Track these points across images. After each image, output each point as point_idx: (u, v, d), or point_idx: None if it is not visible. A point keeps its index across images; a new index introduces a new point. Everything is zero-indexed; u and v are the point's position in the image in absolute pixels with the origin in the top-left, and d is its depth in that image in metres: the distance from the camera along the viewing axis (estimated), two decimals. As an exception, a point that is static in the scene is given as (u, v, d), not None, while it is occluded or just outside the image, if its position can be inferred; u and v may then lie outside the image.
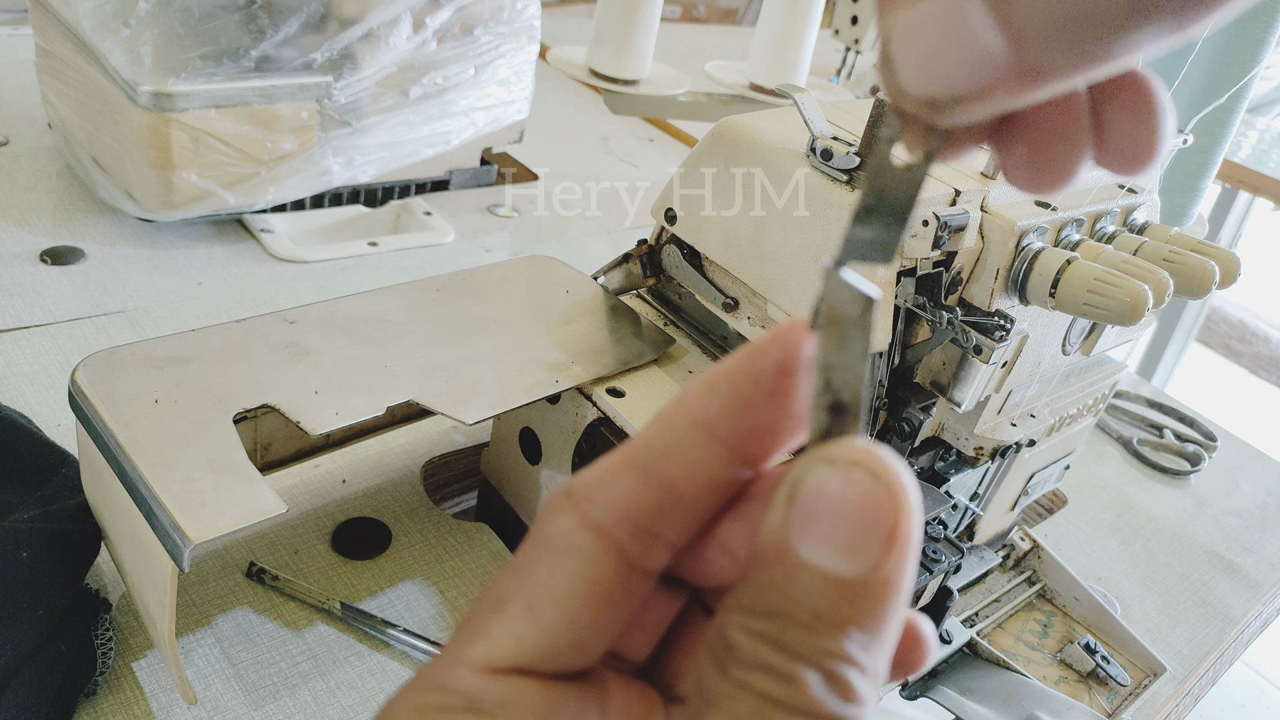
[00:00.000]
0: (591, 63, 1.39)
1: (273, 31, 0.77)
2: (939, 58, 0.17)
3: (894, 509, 0.17)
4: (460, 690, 0.18)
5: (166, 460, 0.41)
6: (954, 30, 0.16)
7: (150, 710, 0.47)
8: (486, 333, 0.54)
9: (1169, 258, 0.52)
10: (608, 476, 0.19)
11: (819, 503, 0.17)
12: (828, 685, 0.16)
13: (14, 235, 0.78)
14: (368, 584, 0.56)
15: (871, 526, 0.17)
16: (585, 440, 0.52)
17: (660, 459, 0.19)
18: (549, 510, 0.19)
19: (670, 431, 0.19)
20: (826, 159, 0.48)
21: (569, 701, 0.19)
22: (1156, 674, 0.66)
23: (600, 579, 0.18)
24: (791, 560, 0.17)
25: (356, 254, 0.87)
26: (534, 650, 0.18)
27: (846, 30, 1.54)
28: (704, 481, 0.19)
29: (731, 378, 0.19)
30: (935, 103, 0.17)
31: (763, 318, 0.53)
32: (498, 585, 0.19)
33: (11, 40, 1.10)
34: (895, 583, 0.17)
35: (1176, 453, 0.93)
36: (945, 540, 0.48)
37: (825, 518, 0.17)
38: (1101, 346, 0.59)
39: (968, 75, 0.16)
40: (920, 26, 0.17)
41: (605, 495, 0.19)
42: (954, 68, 0.16)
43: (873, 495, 0.17)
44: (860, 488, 0.17)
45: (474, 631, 0.19)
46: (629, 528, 0.19)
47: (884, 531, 0.17)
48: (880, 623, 0.17)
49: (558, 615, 0.18)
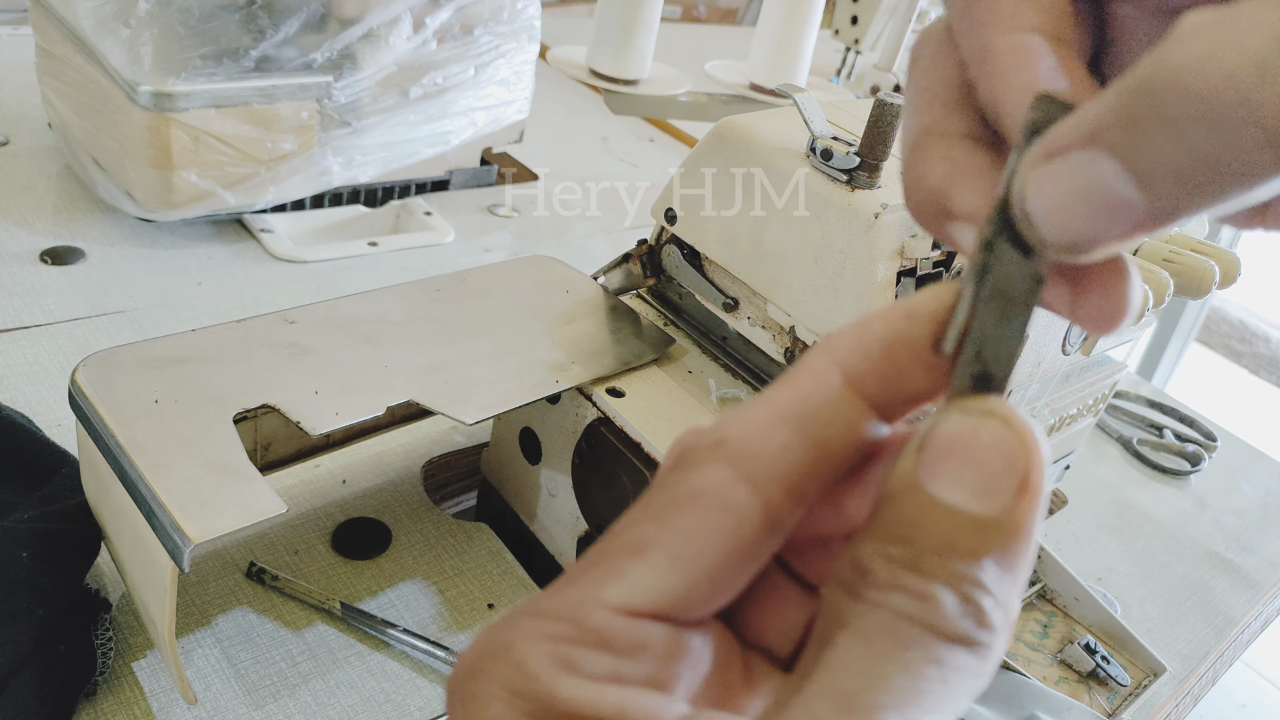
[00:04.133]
0: (591, 63, 1.39)
1: (273, 31, 0.77)
2: (1077, 209, 0.17)
3: (1026, 458, 0.17)
4: (596, 628, 0.18)
5: (166, 460, 0.41)
6: (1089, 183, 0.17)
7: (150, 710, 0.47)
8: (486, 333, 0.54)
9: (1169, 258, 0.52)
10: (763, 429, 0.19)
11: (952, 445, 0.17)
12: (963, 606, 0.17)
13: (14, 235, 0.78)
14: (368, 584, 0.56)
15: (1005, 471, 0.17)
16: (585, 440, 0.52)
17: (814, 416, 0.19)
18: (696, 457, 0.19)
19: (823, 387, 0.19)
20: (826, 159, 0.48)
21: (693, 645, 0.19)
22: (1156, 674, 0.66)
23: (748, 536, 0.19)
24: (923, 497, 0.17)
25: (356, 254, 0.87)
26: (674, 599, 0.18)
27: (846, 30, 1.54)
28: (852, 442, 0.19)
29: (886, 338, 0.19)
30: (1075, 246, 0.18)
31: (763, 318, 0.53)
32: (636, 529, 0.19)
33: (11, 40, 1.10)
34: (1026, 527, 0.17)
35: (1176, 453, 0.93)
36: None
37: (958, 459, 0.17)
38: (1101, 346, 0.59)
39: (1104, 222, 0.17)
40: (1056, 180, 0.17)
41: (762, 450, 0.19)
42: (1091, 217, 0.17)
43: (1007, 442, 0.17)
44: (994, 434, 0.17)
45: (609, 572, 0.19)
46: (781, 487, 0.19)
47: (1017, 478, 0.17)
48: (1013, 559, 0.17)
49: (702, 569, 0.18)
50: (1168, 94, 0.16)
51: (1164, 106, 0.16)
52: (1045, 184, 0.18)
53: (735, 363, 0.57)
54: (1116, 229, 0.17)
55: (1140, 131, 0.16)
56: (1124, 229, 0.17)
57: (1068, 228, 0.18)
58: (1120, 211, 0.17)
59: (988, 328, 0.18)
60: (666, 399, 0.52)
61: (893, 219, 0.46)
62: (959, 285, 0.19)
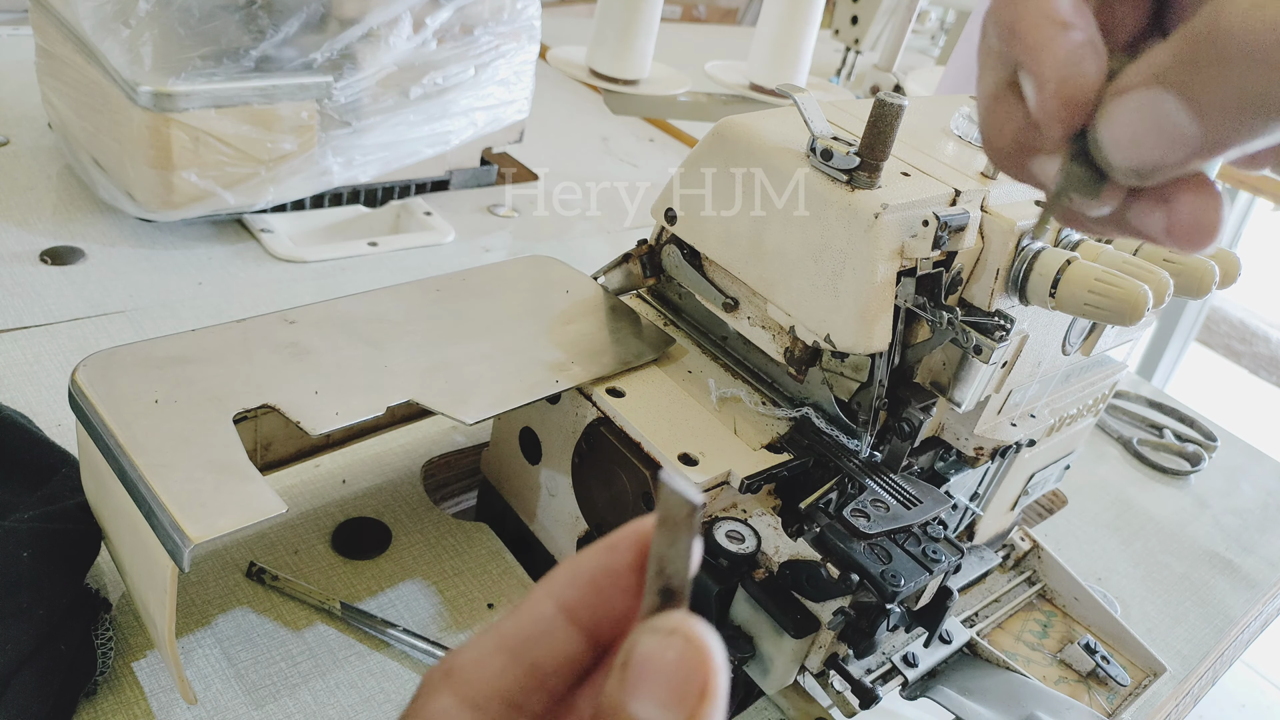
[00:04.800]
0: (591, 63, 1.39)
1: (273, 31, 0.77)
2: (1143, 138, 0.21)
3: (705, 669, 0.20)
4: None
5: (166, 460, 0.41)
6: (1154, 116, 0.21)
7: (150, 710, 0.47)
8: (486, 333, 0.54)
9: (1169, 258, 0.52)
10: (483, 657, 0.22)
11: (645, 665, 0.20)
12: None
13: (14, 235, 0.78)
14: (368, 584, 0.56)
15: (688, 683, 0.20)
16: (585, 440, 0.52)
17: (528, 642, 0.22)
18: (430, 687, 0.22)
19: (537, 617, 0.23)
20: (826, 159, 0.48)
21: None
22: (1156, 674, 0.66)
23: None
24: (626, 715, 0.20)
25: (356, 254, 0.87)
26: None
27: (846, 30, 1.54)
28: (564, 661, 0.23)
29: (592, 571, 0.23)
30: (1140, 172, 0.22)
31: (762, 318, 0.53)
32: None
33: (11, 40, 1.10)
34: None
35: (1176, 453, 0.93)
36: (945, 540, 0.48)
37: (650, 678, 0.20)
38: (1101, 346, 0.59)
39: (1166, 150, 0.21)
40: (1125, 114, 0.21)
41: (481, 675, 0.22)
42: (1155, 145, 0.21)
43: (688, 657, 0.20)
44: (678, 651, 0.20)
45: None
46: (503, 704, 0.22)
47: (698, 687, 0.20)
48: None
49: None
50: (1221, 40, 0.19)
51: (1217, 51, 0.19)
52: (1117, 117, 0.21)
53: (735, 363, 0.57)
54: (1176, 155, 0.21)
55: (1197, 72, 0.20)
56: (1182, 156, 0.21)
57: (1134, 155, 0.21)
58: (1180, 140, 0.20)
59: (663, 549, 0.21)
60: (666, 399, 0.52)
61: (893, 219, 0.46)
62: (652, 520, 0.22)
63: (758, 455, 0.50)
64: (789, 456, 0.50)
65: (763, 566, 0.49)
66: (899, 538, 0.47)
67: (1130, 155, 0.21)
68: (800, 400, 0.54)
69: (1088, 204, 0.23)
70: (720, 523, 0.49)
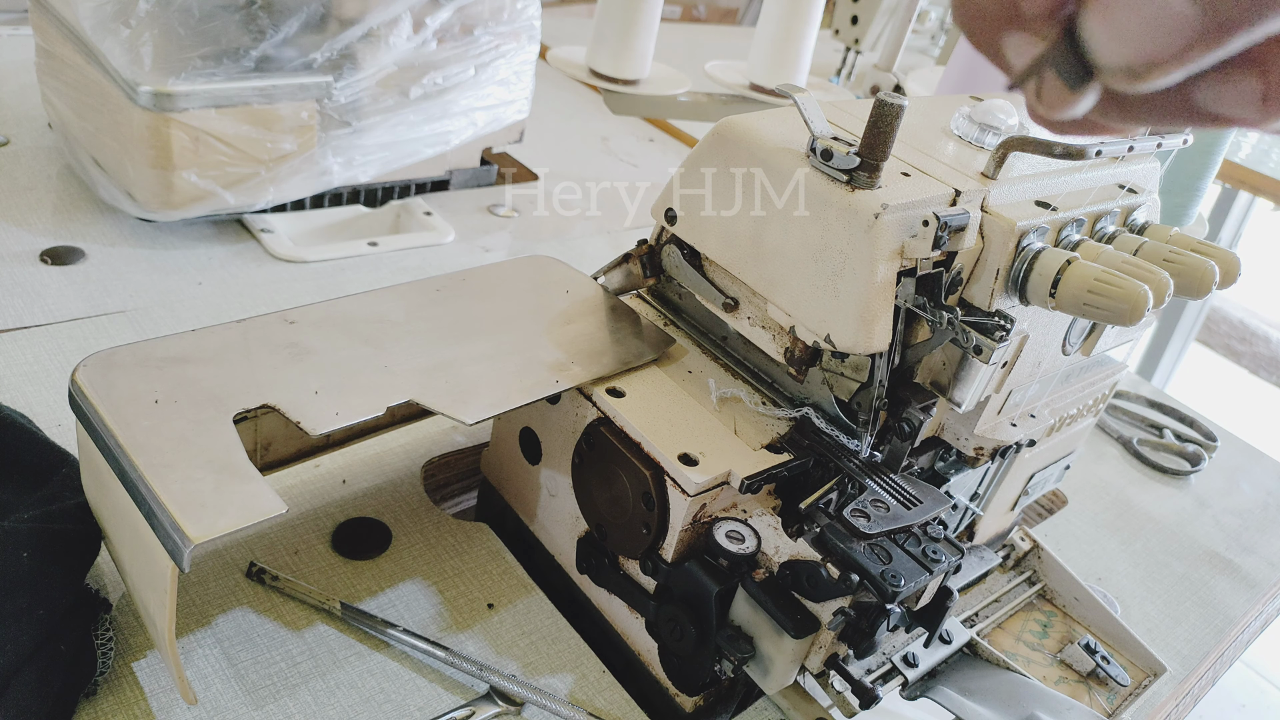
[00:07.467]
0: (591, 63, 1.39)
1: (273, 31, 0.77)
2: (1137, 28, 0.18)
3: None
4: None
5: (166, 460, 0.41)
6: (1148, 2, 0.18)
7: (150, 710, 0.47)
8: (486, 333, 0.54)
9: (1169, 258, 0.52)
10: None
11: None
12: None
13: (14, 235, 0.78)
14: (368, 584, 0.56)
15: None
16: (585, 440, 0.52)
17: None
18: None
19: None
20: (826, 159, 0.48)
21: None
22: (1156, 674, 0.66)
23: None
24: None
25: (356, 254, 0.87)
26: None
27: (846, 30, 1.54)
28: None
29: None
30: (1134, 70, 0.19)
31: (762, 318, 0.53)
32: None
33: (11, 40, 1.10)
34: None
35: (1176, 453, 0.93)
36: (945, 540, 0.48)
37: None
38: (1101, 346, 0.59)
39: (1164, 40, 0.18)
40: (1117, 3, 0.19)
41: None
42: (1152, 35, 0.18)
43: None
44: None
45: None
46: None
47: None
48: None
49: None
50: None
51: None
52: (1110, 7, 0.19)
53: (735, 363, 0.57)
54: (1173, 45, 0.18)
55: None
56: (1180, 44, 0.18)
57: (1131, 47, 0.19)
58: (1177, 26, 0.18)
59: None
60: (666, 399, 0.52)
61: (893, 219, 0.46)
62: None
63: (758, 455, 0.50)
64: (789, 456, 0.50)
65: (763, 566, 0.49)
66: (899, 538, 0.47)
67: (1122, 50, 0.19)
68: (800, 400, 0.54)
69: (1062, 94, 0.20)
70: (720, 523, 0.49)
